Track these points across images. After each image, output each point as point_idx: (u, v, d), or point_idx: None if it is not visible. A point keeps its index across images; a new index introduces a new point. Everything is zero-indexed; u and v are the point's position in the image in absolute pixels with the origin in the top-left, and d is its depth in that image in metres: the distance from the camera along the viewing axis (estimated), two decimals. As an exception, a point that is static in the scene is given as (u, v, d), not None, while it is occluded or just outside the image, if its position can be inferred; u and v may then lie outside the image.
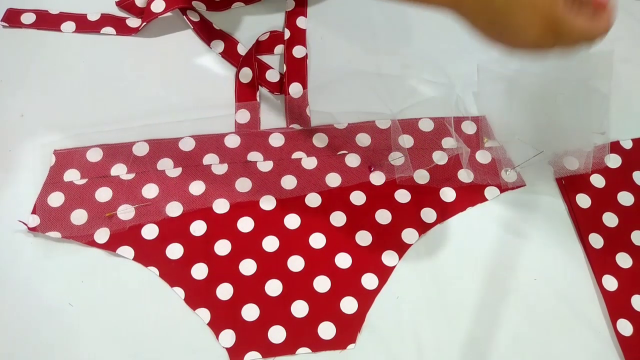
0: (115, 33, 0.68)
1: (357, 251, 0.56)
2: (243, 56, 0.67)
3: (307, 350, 0.52)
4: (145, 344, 0.51)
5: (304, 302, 0.54)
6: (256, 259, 0.55)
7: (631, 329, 0.53)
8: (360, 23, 0.71)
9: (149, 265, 0.54)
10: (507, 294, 0.55)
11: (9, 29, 0.69)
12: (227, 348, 0.51)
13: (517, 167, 0.60)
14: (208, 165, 0.60)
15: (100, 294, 0.53)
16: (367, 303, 0.54)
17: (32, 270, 0.54)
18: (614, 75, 0.66)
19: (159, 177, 0.59)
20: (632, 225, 0.58)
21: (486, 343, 0.52)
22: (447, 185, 0.59)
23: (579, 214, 0.59)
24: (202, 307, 0.53)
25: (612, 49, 0.66)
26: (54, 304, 0.53)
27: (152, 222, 0.56)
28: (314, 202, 0.58)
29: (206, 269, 0.55)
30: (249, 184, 0.59)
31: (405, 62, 0.68)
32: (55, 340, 0.51)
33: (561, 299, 0.55)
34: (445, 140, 0.62)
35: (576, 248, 0.57)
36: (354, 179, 0.60)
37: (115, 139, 0.61)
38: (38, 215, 0.56)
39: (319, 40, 0.69)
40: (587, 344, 0.53)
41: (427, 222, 0.57)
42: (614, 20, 0.47)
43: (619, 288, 0.55)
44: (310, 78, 0.66)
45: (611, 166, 0.62)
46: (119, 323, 0.52)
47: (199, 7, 0.70)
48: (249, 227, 0.57)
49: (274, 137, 0.62)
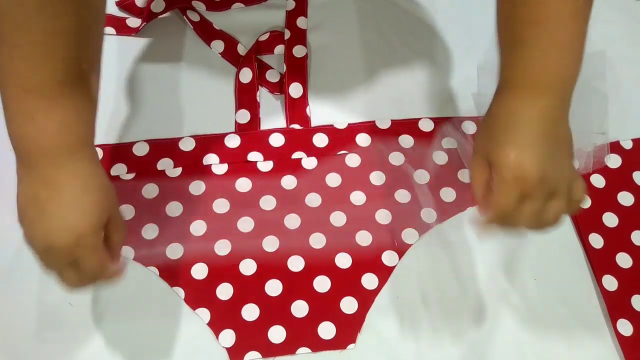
0: (115, 33, 0.68)
1: (357, 251, 0.56)
2: (243, 56, 0.67)
3: (307, 350, 0.52)
4: (145, 344, 0.51)
5: (304, 302, 0.54)
6: (256, 259, 0.55)
7: (631, 329, 0.53)
8: (360, 23, 0.71)
9: (149, 265, 0.54)
10: (507, 294, 0.55)
11: (9, 29, 0.68)
12: (227, 348, 0.51)
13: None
14: (208, 165, 0.60)
15: (100, 294, 0.53)
16: (367, 303, 0.54)
17: (32, 270, 0.54)
18: (614, 75, 0.66)
19: (159, 177, 0.59)
20: (632, 225, 0.58)
21: (486, 343, 0.52)
22: (447, 185, 0.59)
23: (579, 214, 0.59)
24: (202, 307, 0.53)
25: (604, 49, 0.66)
26: (54, 304, 0.53)
27: (152, 223, 0.56)
28: (314, 202, 0.58)
29: (206, 268, 0.55)
30: (249, 184, 0.59)
31: (407, 61, 0.68)
32: (55, 340, 0.51)
33: (561, 299, 0.55)
34: (445, 140, 0.63)
35: (576, 248, 0.57)
36: (354, 179, 0.60)
37: (115, 139, 0.61)
38: (38, 215, 0.56)
39: (319, 40, 0.69)
40: (587, 344, 0.53)
41: (427, 222, 0.57)
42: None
43: (619, 288, 0.55)
44: (310, 78, 0.66)
45: (611, 166, 0.62)
46: (119, 323, 0.52)
47: (199, 7, 0.70)
48: (249, 227, 0.57)
49: (274, 137, 0.62)
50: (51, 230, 0.40)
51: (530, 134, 0.41)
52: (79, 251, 0.41)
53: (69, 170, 0.41)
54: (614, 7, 0.73)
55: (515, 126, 0.42)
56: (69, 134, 0.41)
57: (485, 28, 0.71)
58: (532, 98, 0.42)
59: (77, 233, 0.40)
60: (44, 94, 0.39)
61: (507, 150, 0.41)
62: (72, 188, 0.41)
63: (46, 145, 0.40)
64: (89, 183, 0.42)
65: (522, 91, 0.42)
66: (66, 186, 0.41)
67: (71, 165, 0.41)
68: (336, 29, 0.70)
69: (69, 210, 0.40)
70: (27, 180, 0.42)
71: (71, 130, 0.41)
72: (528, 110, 0.42)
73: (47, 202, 0.41)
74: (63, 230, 0.40)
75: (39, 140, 0.40)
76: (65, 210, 0.40)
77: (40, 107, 0.39)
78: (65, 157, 0.41)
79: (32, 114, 0.39)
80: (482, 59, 0.68)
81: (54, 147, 0.40)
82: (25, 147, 0.41)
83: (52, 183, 0.41)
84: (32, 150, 0.40)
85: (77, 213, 0.40)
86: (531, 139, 0.41)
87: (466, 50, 0.69)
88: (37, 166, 0.41)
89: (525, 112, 0.42)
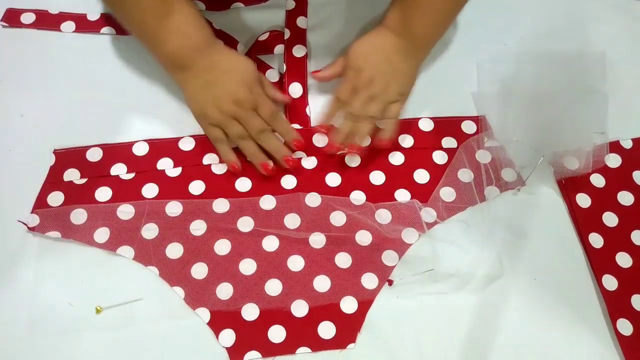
0: (115, 33, 0.68)
1: (357, 251, 0.56)
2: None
3: (307, 350, 0.51)
4: (145, 344, 0.51)
5: (304, 302, 0.54)
6: (256, 259, 0.55)
7: (631, 329, 0.53)
8: (359, 23, 0.71)
9: (149, 265, 0.54)
10: (507, 294, 0.55)
11: (9, 29, 0.69)
12: (227, 348, 0.51)
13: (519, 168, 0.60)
14: (208, 165, 0.60)
15: (100, 294, 0.53)
16: (367, 303, 0.54)
17: (32, 270, 0.54)
18: (614, 75, 0.66)
19: (158, 177, 0.59)
20: (632, 225, 0.58)
21: (486, 343, 0.52)
22: (447, 185, 0.59)
23: (579, 213, 0.59)
24: (202, 306, 0.53)
25: (604, 49, 0.66)
26: (54, 304, 0.53)
27: (152, 222, 0.56)
28: (314, 202, 0.58)
29: (206, 268, 0.54)
30: (248, 183, 0.59)
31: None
32: (55, 340, 0.51)
33: (561, 299, 0.55)
34: (445, 140, 0.63)
35: (576, 248, 0.57)
36: (353, 178, 0.60)
37: (115, 138, 0.61)
38: (37, 214, 0.56)
39: (319, 40, 0.69)
40: (587, 344, 0.53)
41: (427, 222, 0.57)
42: None
43: (619, 288, 0.55)
44: (310, 78, 0.66)
45: (611, 166, 0.62)
46: (119, 323, 0.52)
47: (199, 6, 0.70)
48: (249, 227, 0.56)
49: (273, 137, 0.62)
50: (231, 91, 0.57)
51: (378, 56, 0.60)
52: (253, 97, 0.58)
53: (215, 52, 0.58)
54: (614, 7, 0.74)
55: (372, 48, 0.61)
56: (204, 32, 0.58)
57: (485, 28, 0.72)
58: (392, 36, 0.61)
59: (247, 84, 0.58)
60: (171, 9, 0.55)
61: (359, 59, 0.60)
62: (225, 61, 0.58)
63: (195, 44, 0.57)
64: (231, 52, 0.60)
65: (388, 31, 0.61)
66: (221, 61, 0.58)
67: (214, 49, 0.59)
68: (336, 29, 0.70)
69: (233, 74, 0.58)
70: (191, 76, 0.58)
71: (204, 28, 0.58)
72: (385, 41, 0.61)
73: (215, 78, 0.58)
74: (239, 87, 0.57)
75: (189, 42, 0.57)
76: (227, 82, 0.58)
77: (178, 20, 0.56)
78: (209, 49, 0.58)
79: (176, 27, 0.56)
80: (482, 58, 0.68)
81: (200, 43, 0.57)
82: (180, 54, 0.57)
83: (211, 65, 0.58)
84: (186, 53, 0.57)
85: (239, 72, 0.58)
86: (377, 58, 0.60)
87: (466, 50, 0.69)
88: (194, 63, 0.57)
89: (383, 42, 0.61)
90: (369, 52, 0.61)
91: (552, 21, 0.72)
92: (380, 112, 0.59)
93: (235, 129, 0.58)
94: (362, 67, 0.60)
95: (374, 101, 0.59)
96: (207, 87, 0.58)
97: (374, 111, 0.59)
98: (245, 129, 0.58)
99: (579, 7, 0.73)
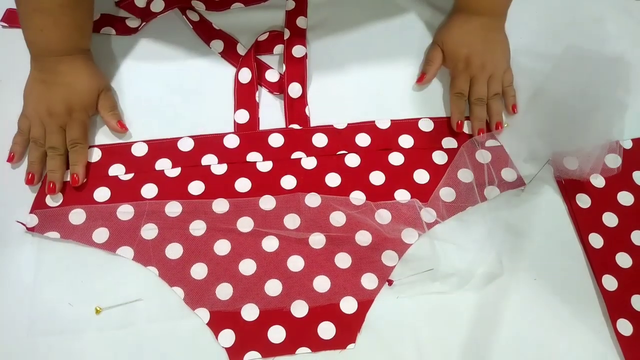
0: (115, 33, 0.68)
1: (357, 251, 0.56)
2: (243, 56, 0.67)
3: (307, 350, 0.51)
4: (145, 344, 0.51)
5: (304, 302, 0.53)
6: (256, 259, 0.55)
7: (631, 329, 0.53)
8: (360, 23, 0.71)
9: (149, 265, 0.54)
10: (507, 294, 0.55)
11: (9, 29, 0.69)
12: (226, 348, 0.51)
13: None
14: (207, 165, 0.60)
15: (100, 294, 0.53)
16: (367, 303, 0.54)
17: (32, 270, 0.54)
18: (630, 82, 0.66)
19: (157, 178, 0.59)
20: (632, 225, 0.58)
21: (486, 343, 0.52)
22: (448, 185, 0.59)
23: (579, 213, 0.59)
24: (202, 307, 0.53)
25: (630, 61, 0.66)
26: (54, 304, 0.53)
27: (152, 222, 0.56)
28: (313, 202, 0.58)
29: (205, 268, 0.54)
30: (248, 184, 0.59)
31: (407, 61, 0.68)
32: (55, 340, 0.51)
33: (561, 299, 0.55)
34: (445, 140, 0.63)
35: (576, 248, 0.57)
36: (353, 179, 0.60)
37: (114, 139, 0.61)
38: (36, 215, 0.56)
39: (319, 40, 0.69)
40: (587, 344, 0.53)
41: (427, 222, 0.57)
42: None
43: (618, 288, 0.55)
44: (309, 78, 0.66)
45: (611, 166, 0.62)
46: (119, 323, 0.52)
47: (199, 6, 0.70)
48: (248, 227, 0.56)
49: (273, 137, 0.62)
50: (52, 100, 0.59)
51: (474, 39, 0.65)
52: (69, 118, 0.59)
53: (67, 62, 0.60)
54: (614, 7, 0.73)
55: (465, 34, 0.66)
56: (69, 42, 0.59)
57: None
58: (475, 17, 0.66)
59: (70, 104, 0.59)
60: (50, 12, 0.57)
61: (461, 49, 0.65)
62: (68, 74, 0.60)
63: (51, 48, 0.59)
64: (82, 71, 0.60)
65: (467, 14, 0.67)
66: (64, 72, 0.59)
67: (69, 60, 0.60)
68: (336, 29, 0.70)
69: (66, 88, 0.59)
70: (37, 69, 0.60)
71: (71, 39, 0.59)
72: (472, 24, 0.66)
73: (50, 83, 0.59)
74: (61, 101, 0.59)
75: (46, 45, 0.59)
76: (55, 92, 0.59)
77: (47, 23, 0.57)
78: (65, 55, 0.59)
79: (41, 27, 0.57)
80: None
81: (57, 49, 0.59)
82: (35, 50, 0.59)
83: (55, 70, 0.59)
84: (41, 52, 0.59)
85: (71, 90, 0.59)
86: (474, 41, 0.65)
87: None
88: (44, 61, 0.59)
89: (471, 25, 0.66)
90: (465, 40, 0.65)
91: (553, 21, 0.72)
92: (501, 86, 0.65)
93: (36, 131, 0.59)
94: (468, 56, 0.65)
95: (493, 79, 0.64)
96: (41, 85, 0.59)
97: (497, 88, 0.64)
98: (43, 137, 0.59)
99: (579, 7, 0.73)
